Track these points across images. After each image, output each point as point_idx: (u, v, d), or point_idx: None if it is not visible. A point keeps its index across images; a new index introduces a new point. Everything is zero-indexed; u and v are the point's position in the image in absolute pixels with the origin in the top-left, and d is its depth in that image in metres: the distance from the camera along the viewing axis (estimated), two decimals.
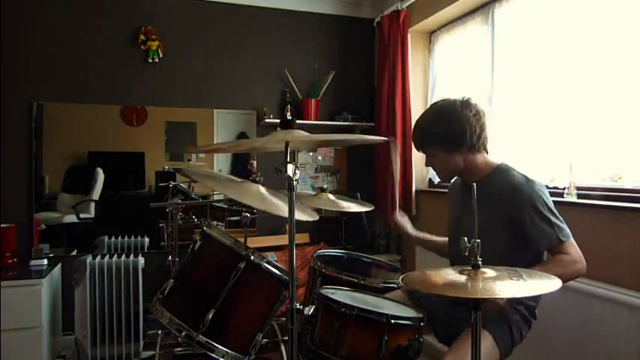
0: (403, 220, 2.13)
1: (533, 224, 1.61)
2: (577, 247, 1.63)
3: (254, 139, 3.41)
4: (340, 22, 3.93)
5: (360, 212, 2.08)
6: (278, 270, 1.71)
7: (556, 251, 1.62)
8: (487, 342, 1.60)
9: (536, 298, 1.77)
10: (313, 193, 2.19)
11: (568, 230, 1.64)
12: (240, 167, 3.77)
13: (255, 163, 3.71)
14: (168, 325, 1.63)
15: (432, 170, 1.88)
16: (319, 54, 3.86)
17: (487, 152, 1.79)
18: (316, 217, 1.98)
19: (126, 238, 3.41)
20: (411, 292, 1.73)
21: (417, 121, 1.85)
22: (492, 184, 1.70)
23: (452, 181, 2.02)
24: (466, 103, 1.74)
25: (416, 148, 1.89)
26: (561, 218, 1.65)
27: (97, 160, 3.41)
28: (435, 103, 1.86)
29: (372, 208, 2.41)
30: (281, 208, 1.67)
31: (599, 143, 2.27)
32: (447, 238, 2.04)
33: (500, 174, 1.73)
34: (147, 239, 3.44)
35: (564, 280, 1.24)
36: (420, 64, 3.66)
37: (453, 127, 1.71)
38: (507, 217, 1.65)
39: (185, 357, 2.83)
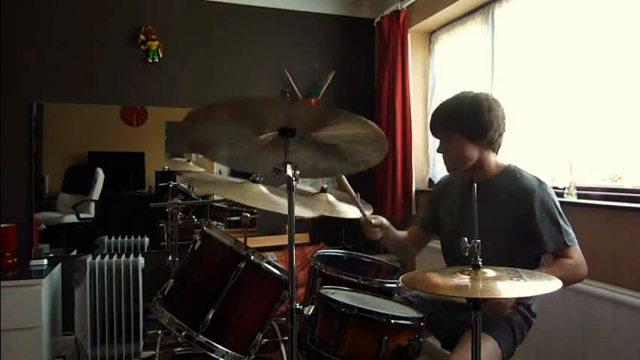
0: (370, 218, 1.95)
1: (543, 226, 1.61)
2: (580, 252, 1.63)
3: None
4: (340, 22, 3.93)
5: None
6: (278, 270, 1.71)
7: (560, 255, 1.62)
8: (490, 345, 1.59)
9: None
10: (314, 191, 2.17)
11: (574, 235, 1.64)
12: None
13: None
14: (169, 325, 1.63)
15: (442, 158, 1.81)
16: (319, 54, 3.86)
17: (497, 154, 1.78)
18: (318, 213, 1.95)
19: (126, 238, 3.41)
20: (410, 301, 1.73)
21: (446, 104, 1.76)
22: (502, 185, 1.70)
23: (445, 178, 2.01)
24: (497, 101, 1.73)
25: (435, 130, 1.81)
26: (568, 223, 1.65)
27: (97, 160, 3.41)
28: (464, 91, 1.78)
29: (371, 210, 2.38)
30: (286, 207, 1.66)
31: (599, 143, 2.27)
32: (405, 233, 2.06)
33: (510, 175, 1.73)
34: (147, 239, 3.44)
35: (566, 284, 1.23)
36: (420, 64, 3.66)
37: (483, 117, 1.67)
38: (516, 218, 1.65)
39: (185, 357, 2.82)
